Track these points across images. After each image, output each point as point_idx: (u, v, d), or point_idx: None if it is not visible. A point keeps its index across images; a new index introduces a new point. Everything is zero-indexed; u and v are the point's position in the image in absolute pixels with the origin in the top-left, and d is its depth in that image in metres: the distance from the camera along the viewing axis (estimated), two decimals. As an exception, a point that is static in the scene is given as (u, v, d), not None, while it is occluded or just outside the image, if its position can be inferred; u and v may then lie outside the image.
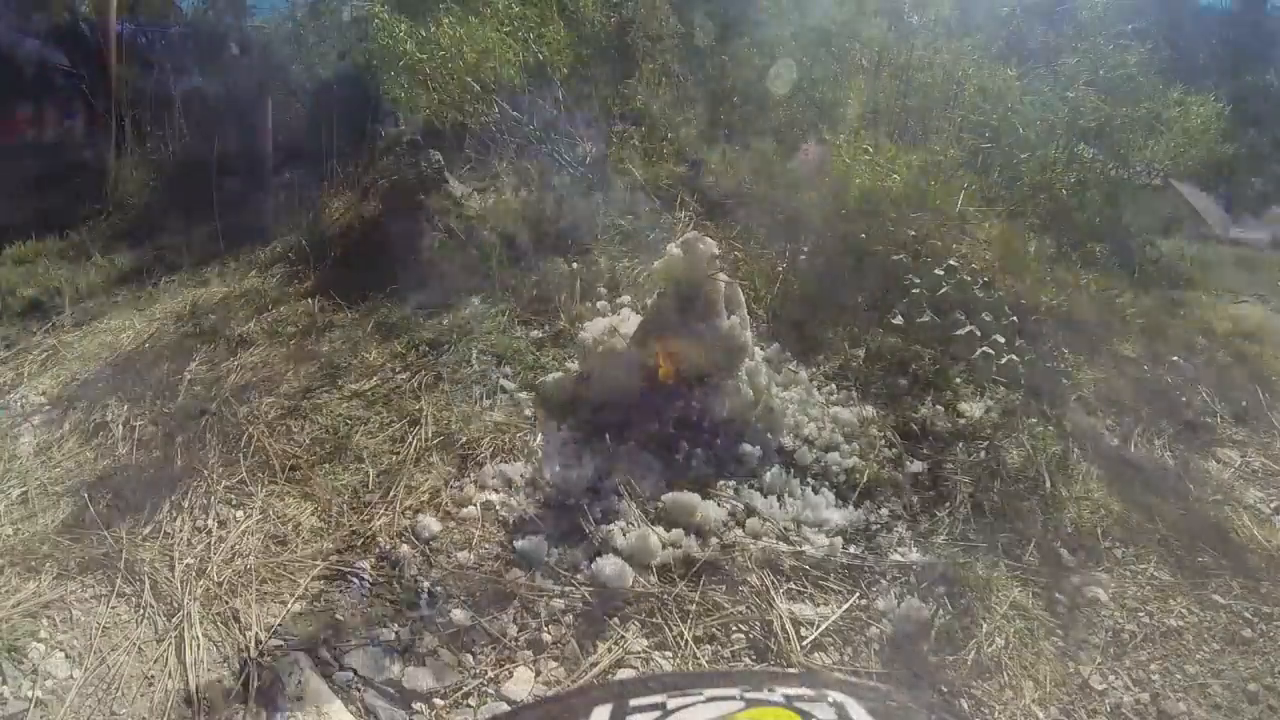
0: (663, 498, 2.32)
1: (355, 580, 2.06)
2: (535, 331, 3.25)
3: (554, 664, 1.86)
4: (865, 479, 2.54)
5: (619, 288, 3.46)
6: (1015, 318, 3.53)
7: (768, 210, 4.01)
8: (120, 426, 2.65)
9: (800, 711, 0.59)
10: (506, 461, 2.49)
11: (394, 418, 2.66)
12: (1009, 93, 3.80)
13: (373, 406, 2.72)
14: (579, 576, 2.07)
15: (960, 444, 2.79)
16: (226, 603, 1.96)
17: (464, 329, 3.19)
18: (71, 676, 1.77)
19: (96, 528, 2.20)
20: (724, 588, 2.08)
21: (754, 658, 1.92)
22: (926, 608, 2.05)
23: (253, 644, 1.83)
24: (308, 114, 5.43)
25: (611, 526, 2.21)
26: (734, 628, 1.98)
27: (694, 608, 2.00)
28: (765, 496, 2.43)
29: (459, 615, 1.94)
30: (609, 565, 2.04)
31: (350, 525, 2.24)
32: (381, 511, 2.28)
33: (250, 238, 4.43)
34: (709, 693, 0.63)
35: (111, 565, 2.07)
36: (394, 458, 2.48)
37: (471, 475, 2.43)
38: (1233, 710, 2.00)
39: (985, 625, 2.04)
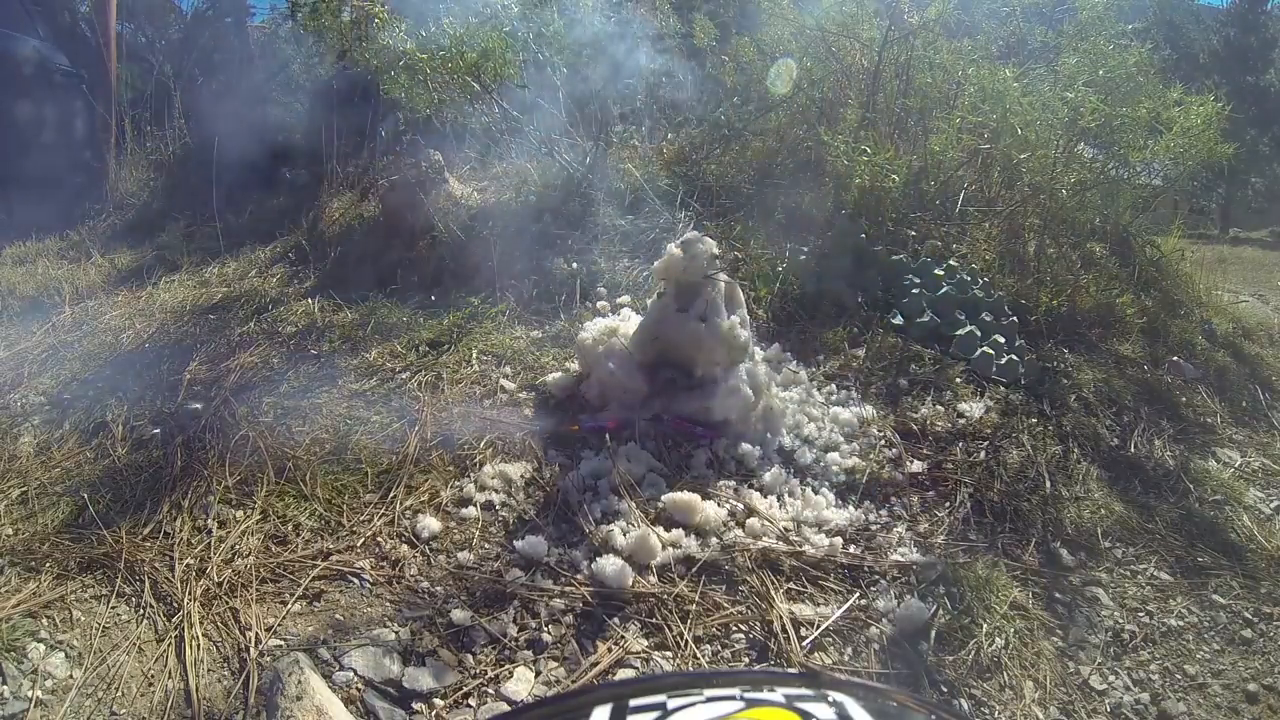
0: (663, 498, 2.32)
1: (355, 580, 2.06)
2: (535, 331, 3.25)
3: (554, 664, 1.86)
4: (865, 479, 2.54)
5: (619, 288, 3.46)
6: (1015, 318, 3.54)
7: (768, 210, 4.01)
8: (120, 426, 2.65)
9: (800, 711, 0.59)
10: (506, 461, 2.49)
11: (394, 418, 2.66)
12: (1009, 93, 3.80)
13: (373, 406, 2.72)
14: (579, 576, 2.07)
15: (960, 444, 2.80)
16: (226, 603, 1.96)
17: (464, 329, 3.19)
18: (71, 676, 1.77)
19: (96, 528, 2.19)
20: (724, 588, 2.08)
21: (754, 658, 1.92)
22: (926, 608, 2.05)
23: (253, 644, 1.83)
24: (307, 114, 5.44)
25: (611, 526, 2.21)
26: (734, 628, 1.98)
27: (694, 608, 2.00)
28: (765, 496, 2.43)
29: (459, 615, 1.94)
30: (609, 565, 2.04)
31: (350, 525, 2.23)
32: (381, 511, 2.28)
33: (250, 238, 4.44)
34: (709, 693, 0.63)
35: (111, 565, 2.07)
36: (394, 458, 2.48)
37: (471, 475, 2.43)
38: (1233, 710, 2.01)
39: (985, 625, 2.04)
